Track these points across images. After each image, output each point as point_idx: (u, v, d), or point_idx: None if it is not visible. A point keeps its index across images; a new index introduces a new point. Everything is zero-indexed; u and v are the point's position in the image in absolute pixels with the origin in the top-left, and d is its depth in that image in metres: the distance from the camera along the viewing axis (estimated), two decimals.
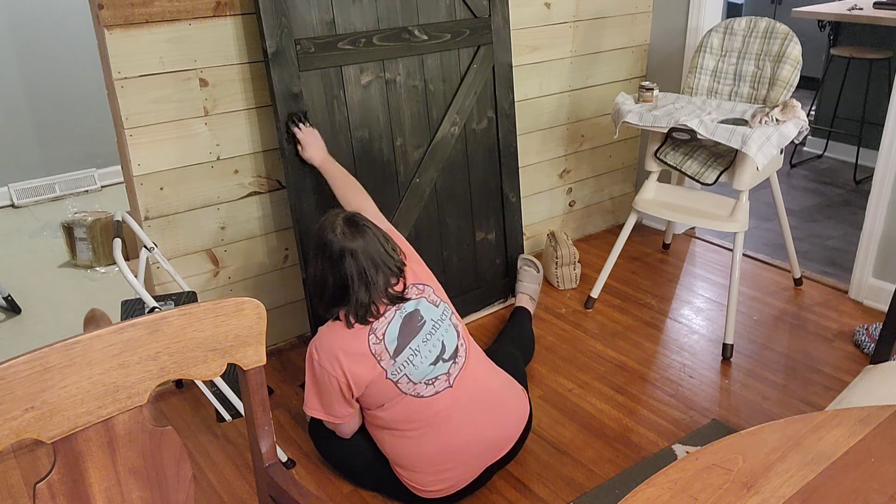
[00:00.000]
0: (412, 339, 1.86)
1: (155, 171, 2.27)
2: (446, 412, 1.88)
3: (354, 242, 1.80)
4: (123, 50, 2.11)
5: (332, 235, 1.80)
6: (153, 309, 1.99)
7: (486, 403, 1.94)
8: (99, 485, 1.04)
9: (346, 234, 1.80)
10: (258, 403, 1.18)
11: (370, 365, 1.82)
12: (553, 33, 3.07)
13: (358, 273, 1.79)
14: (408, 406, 1.86)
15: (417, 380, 1.85)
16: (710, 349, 2.64)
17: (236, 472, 2.12)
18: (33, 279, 3.37)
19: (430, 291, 1.95)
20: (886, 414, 1.10)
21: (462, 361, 1.93)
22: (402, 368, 1.84)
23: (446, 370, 1.89)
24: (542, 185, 3.31)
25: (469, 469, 1.90)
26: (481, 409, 1.93)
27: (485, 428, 1.92)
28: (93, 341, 0.98)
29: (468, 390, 1.92)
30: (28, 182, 4.26)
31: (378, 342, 1.83)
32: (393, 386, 1.84)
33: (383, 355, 1.82)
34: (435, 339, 1.89)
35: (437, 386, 1.87)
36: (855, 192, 4.09)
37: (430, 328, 1.89)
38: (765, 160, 2.39)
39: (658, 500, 0.94)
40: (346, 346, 1.82)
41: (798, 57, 2.66)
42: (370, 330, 1.83)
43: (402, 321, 1.86)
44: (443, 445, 1.87)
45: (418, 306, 1.90)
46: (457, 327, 1.96)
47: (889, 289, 2.82)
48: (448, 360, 1.89)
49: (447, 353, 1.90)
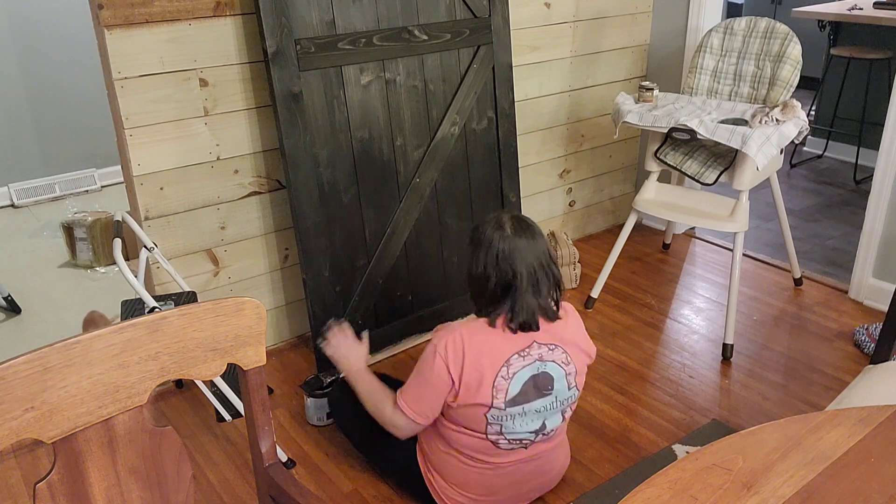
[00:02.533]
0: (531, 399, 1.77)
1: (155, 171, 2.27)
2: (507, 463, 1.86)
3: (525, 240, 1.73)
4: (123, 50, 2.11)
5: (501, 231, 1.73)
6: (153, 309, 1.99)
7: (541, 467, 1.93)
8: (99, 485, 1.04)
9: (517, 231, 1.73)
10: (258, 403, 1.18)
11: (486, 392, 1.73)
12: (553, 33, 3.07)
13: (528, 273, 1.71)
14: (481, 444, 1.81)
15: (507, 435, 1.80)
16: (710, 349, 2.64)
17: (236, 472, 2.12)
18: (33, 279, 3.37)
19: (573, 369, 1.83)
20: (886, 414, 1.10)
21: (547, 440, 1.88)
22: (503, 418, 1.77)
23: (531, 440, 1.84)
24: (542, 185, 3.31)
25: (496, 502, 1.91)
26: (535, 471, 1.92)
27: (528, 483, 1.92)
28: (93, 341, 0.98)
29: (536, 456, 1.89)
30: (28, 182, 4.26)
31: (506, 378, 1.73)
32: (484, 423, 1.77)
33: (500, 393, 1.73)
34: (544, 415, 1.81)
35: (517, 446, 1.83)
36: (855, 192, 4.09)
37: (549, 402, 1.80)
38: (765, 160, 2.39)
39: (658, 500, 0.94)
40: (481, 353, 1.72)
41: (798, 57, 2.66)
42: (507, 361, 1.73)
43: (536, 375, 1.76)
44: (486, 481, 1.86)
45: (555, 374, 1.79)
46: (566, 414, 1.88)
47: (889, 289, 2.82)
48: (539, 435, 1.84)
49: (543, 431, 1.84)
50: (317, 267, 2.39)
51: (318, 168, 2.35)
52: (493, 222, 1.76)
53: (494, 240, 1.73)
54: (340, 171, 2.41)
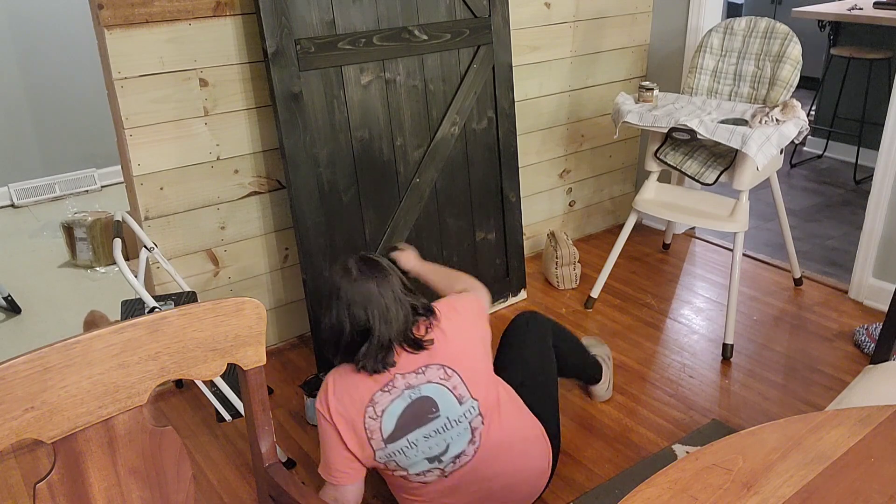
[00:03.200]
0: (415, 429, 1.68)
1: (155, 171, 2.27)
2: (440, 495, 1.76)
3: (374, 281, 1.67)
4: (123, 50, 2.11)
5: (349, 277, 1.67)
6: (153, 309, 1.99)
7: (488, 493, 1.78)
8: (99, 485, 1.04)
9: (365, 273, 1.68)
10: (258, 403, 1.18)
11: (361, 438, 1.67)
12: (553, 33, 3.07)
13: (381, 314, 1.65)
14: (394, 481, 1.77)
15: (407, 470, 1.72)
16: (710, 349, 2.64)
17: (236, 472, 2.12)
18: (33, 279, 3.37)
19: (457, 381, 1.70)
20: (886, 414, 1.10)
21: (464, 462, 1.73)
22: (391, 455, 1.69)
23: (441, 468, 1.72)
24: (542, 185, 3.31)
25: None
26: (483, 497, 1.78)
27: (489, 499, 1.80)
28: (93, 341, 0.98)
29: (467, 482, 1.76)
30: (28, 182, 4.26)
31: (375, 418, 1.66)
32: (382, 466, 1.72)
33: (375, 434, 1.66)
34: (440, 439, 1.69)
35: (428, 478, 1.73)
36: (855, 192, 4.09)
37: (440, 425, 1.69)
38: (765, 160, 2.39)
39: (658, 500, 0.94)
40: (348, 402, 1.67)
41: (798, 57, 2.66)
42: (371, 400, 1.66)
43: (410, 405, 1.67)
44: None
45: (436, 396, 1.69)
46: (474, 432, 1.72)
47: (889, 289, 2.82)
48: (446, 463, 1.72)
49: (447, 456, 1.71)
50: (317, 267, 2.39)
51: (318, 168, 2.35)
52: (340, 270, 1.70)
53: (343, 287, 1.66)
54: (340, 171, 2.41)
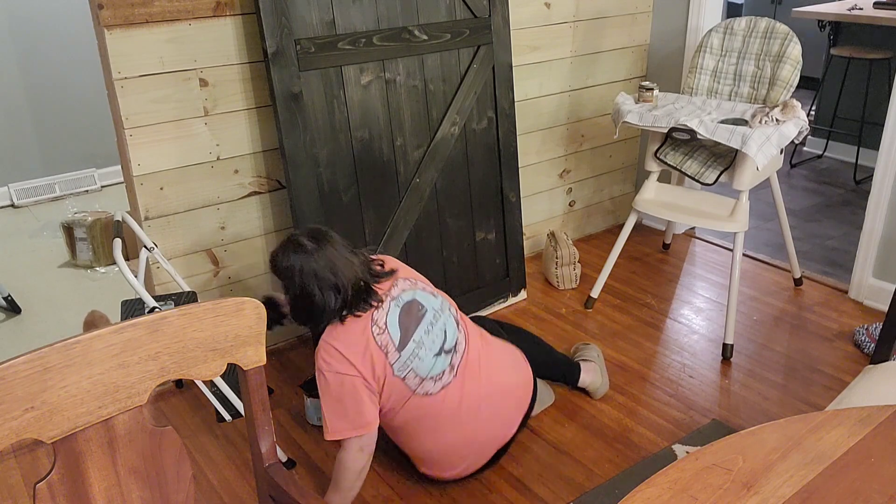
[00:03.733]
0: (415, 328, 1.86)
1: (155, 171, 2.27)
2: (455, 406, 1.90)
3: (330, 246, 1.81)
4: (123, 50, 2.11)
5: (303, 250, 1.79)
6: (153, 309, 1.99)
7: (490, 390, 1.97)
8: (99, 485, 1.04)
9: (318, 242, 1.80)
10: (258, 403, 1.18)
11: (379, 358, 1.81)
12: (553, 33, 3.07)
13: (345, 268, 1.79)
14: (418, 406, 1.87)
15: (424, 374, 1.86)
16: (710, 349, 2.64)
17: (236, 472, 2.12)
18: (33, 279, 3.37)
19: (422, 284, 1.97)
20: (886, 414, 1.10)
21: (462, 350, 1.94)
22: (408, 363, 1.84)
23: (449, 362, 1.90)
24: (542, 185, 3.31)
25: (482, 454, 1.98)
26: (488, 396, 1.96)
27: (492, 416, 1.96)
28: (93, 341, 0.98)
29: (473, 378, 1.94)
30: (28, 182, 4.26)
31: (382, 332, 1.81)
32: (401, 384, 1.84)
33: (389, 347, 1.81)
34: (437, 330, 1.89)
35: (443, 380, 1.88)
36: (855, 192, 4.09)
37: (431, 318, 1.89)
38: (765, 160, 2.39)
39: (658, 500, 0.94)
40: (352, 344, 1.80)
41: (798, 57, 2.66)
42: (371, 321, 1.81)
43: (402, 310, 1.86)
44: (455, 437, 1.91)
45: (415, 296, 1.90)
46: (455, 317, 1.97)
47: (889, 289, 2.82)
48: (450, 352, 1.90)
49: (448, 343, 1.91)
50: None
51: (318, 168, 2.35)
52: (293, 247, 1.79)
53: (304, 262, 1.77)
54: (340, 171, 2.41)
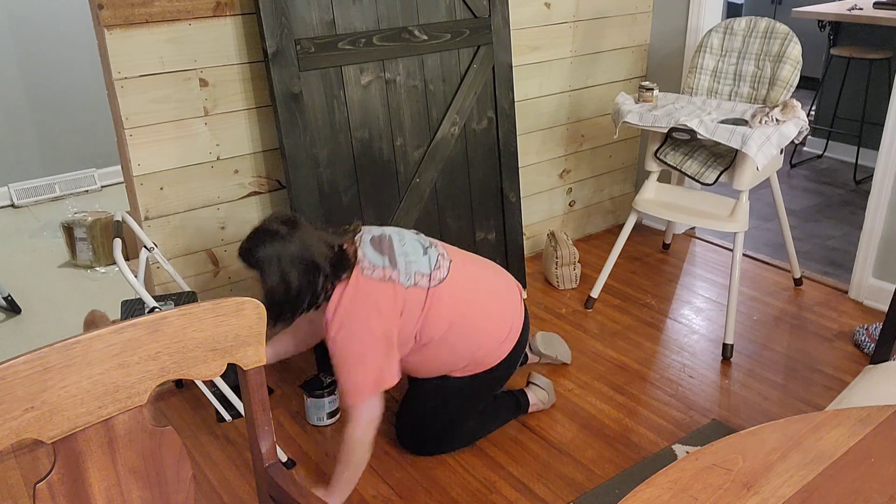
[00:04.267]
0: (392, 247, 1.95)
1: (155, 171, 2.27)
2: (467, 280, 2.02)
3: (295, 223, 1.86)
4: (123, 50, 2.11)
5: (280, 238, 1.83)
6: (153, 309, 1.99)
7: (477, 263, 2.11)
8: (99, 485, 1.04)
9: (290, 226, 1.85)
10: (258, 403, 1.18)
11: (386, 289, 1.88)
12: (553, 33, 3.07)
13: (312, 240, 1.85)
14: (440, 295, 1.95)
15: (428, 270, 1.95)
16: (710, 349, 2.64)
17: (236, 472, 2.12)
18: (33, 279, 3.37)
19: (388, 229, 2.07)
20: (886, 414, 1.10)
21: (438, 243, 2.06)
22: (409, 270, 1.92)
23: (438, 252, 2.01)
24: (542, 185, 3.31)
25: (513, 304, 2.09)
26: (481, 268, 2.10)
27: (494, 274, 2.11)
28: (93, 341, 0.98)
29: (464, 256, 2.09)
30: (28, 182, 4.26)
31: (371, 267, 1.89)
32: (416, 290, 1.91)
33: (386, 272, 1.90)
34: (407, 239, 1.99)
35: (446, 264, 2.00)
36: (855, 192, 4.09)
37: (397, 237, 1.98)
38: (765, 160, 2.39)
39: (658, 500, 0.94)
40: (361, 295, 1.86)
41: (798, 57, 2.66)
42: (360, 271, 1.88)
43: (372, 245, 1.94)
44: (478, 301, 2.01)
45: (373, 232, 1.99)
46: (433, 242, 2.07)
47: (889, 289, 2.82)
48: (430, 247, 2.01)
49: (425, 242, 2.02)
50: None
51: (318, 168, 2.35)
52: (265, 236, 1.82)
53: (282, 249, 1.81)
54: (340, 171, 2.41)
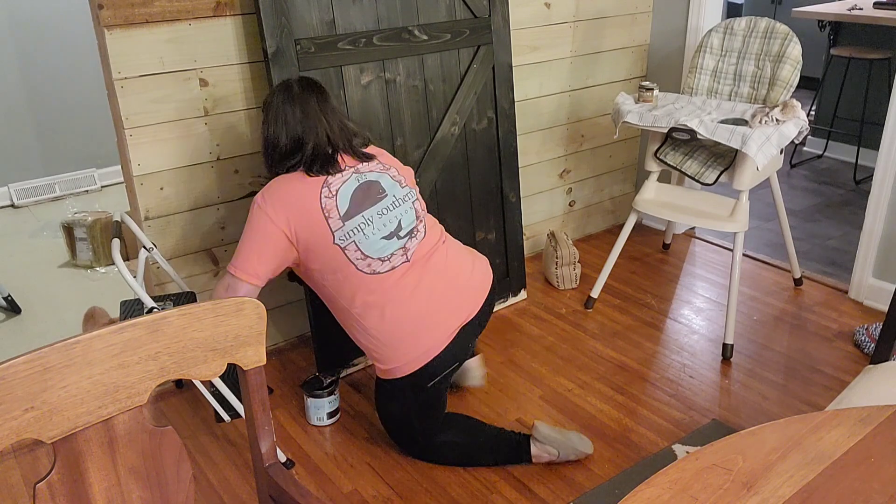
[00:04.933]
0: (367, 207, 1.83)
1: (155, 171, 2.27)
2: (404, 283, 1.85)
3: (315, 95, 1.84)
4: (123, 50, 2.11)
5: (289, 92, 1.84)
6: (151, 309, 1.99)
7: (446, 270, 1.93)
8: (99, 485, 1.04)
9: (305, 89, 1.84)
10: (258, 403, 1.18)
11: (317, 220, 1.78)
12: (553, 33, 3.07)
13: (317, 117, 1.81)
14: (361, 283, 1.83)
15: (370, 253, 1.82)
16: (710, 349, 2.64)
17: (236, 472, 2.12)
18: (33, 279, 3.37)
19: (395, 171, 1.94)
20: (886, 414, 1.10)
21: (420, 237, 1.90)
22: (350, 235, 1.80)
23: (402, 245, 1.86)
24: (542, 185, 3.31)
25: (440, 331, 1.88)
26: (442, 275, 1.91)
27: (447, 291, 1.90)
28: (93, 341, 0.98)
29: (428, 262, 1.90)
30: (28, 182, 4.26)
31: (330, 196, 1.79)
32: (341, 254, 1.80)
33: (332, 213, 1.79)
34: (392, 216, 1.85)
35: (392, 262, 1.84)
36: (855, 192, 4.09)
37: (389, 203, 1.86)
38: (765, 160, 2.39)
39: (658, 500, 0.94)
40: (296, 194, 1.78)
41: (798, 57, 2.66)
42: (324, 183, 1.79)
43: (359, 185, 1.83)
44: (406, 313, 1.85)
45: (380, 179, 1.88)
46: (418, 212, 1.93)
47: (889, 289, 2.82)
48: (404, 238, 1.86)
49: (403, 230, 1.87)
50: None
51: None
52: (282, 86, 1.86)
53: (281, 102, 1.83)
54: None
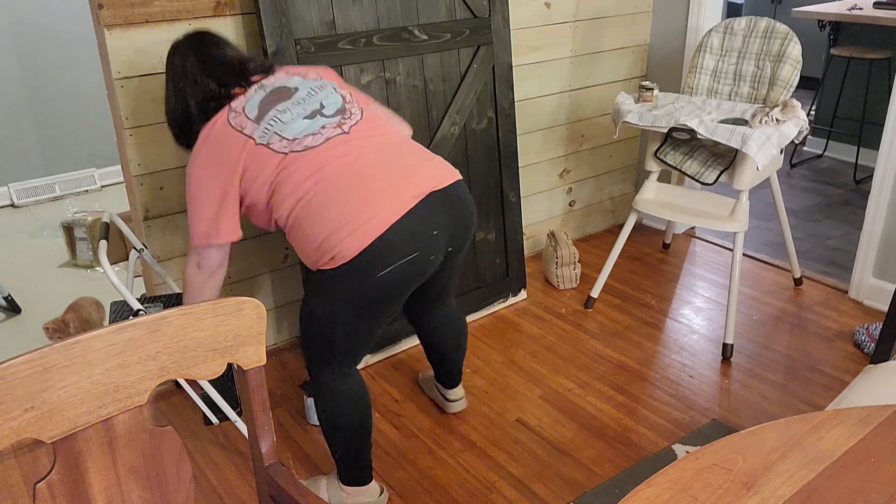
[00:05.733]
0: (278, 103, 1.71)
1: (155, 170, 2.27)
2: (345, 149, 1.65)
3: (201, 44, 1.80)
4: (123, 50, 2.11)
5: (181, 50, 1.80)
6: (137, 312, 1.99)
7: (399, 143, 1.72)
8: (99, 485, 1.04)
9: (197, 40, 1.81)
10: (258, 403, 1.18)
11: (235, 140, 1.67)
12: (553, 33, 3.07)
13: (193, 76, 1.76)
14: (295, 170, 1.63)
15: (294, 135, 1.65)
16: (710, 349, 2.64)
17: (236, 472, 2.12)
18: (33, 279, 3.37)
19: (314, 75, 1.80)
20: (886, 414, 1.10)
21: (356, 119, 1.72)
22: (268, 128, 1.67)
23: (333, 122, 1.68)
24: (542, 185, 3.31)
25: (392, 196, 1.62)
26: (386, 147, 1.69)
27: (396, 160, 1.67)
28: (93, 341, 0.98)
29: (372, 136, 1.69)
30: (28, 182, 4.26)
31: (237, 115, 1.70)
32: (267, 151, 1.65)
33: (245, 125, 1.68)
34: (310, 101, 1.71)
35: (325, 134, 1.66)
36: (855, 192, 4.09)
37: (302, 95, 1.72)
38: (765, 160, 2.39)
39: (658, 500, 0.94)
40: (211, 139, 1.69)
41: (798, 57, 2.66)
42: (229, 110, 1.71)
43: (267, 94, 1.72)
44: (351, 184, 1.62)
45: (287, 82, 1.75)
46: (345, 97, 1.76)
47: (889, 289, 2.82)
48: (331, 116, 1.69)
49: (328, 109, 1.70)
50: None
51: None
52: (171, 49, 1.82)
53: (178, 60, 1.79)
54: None
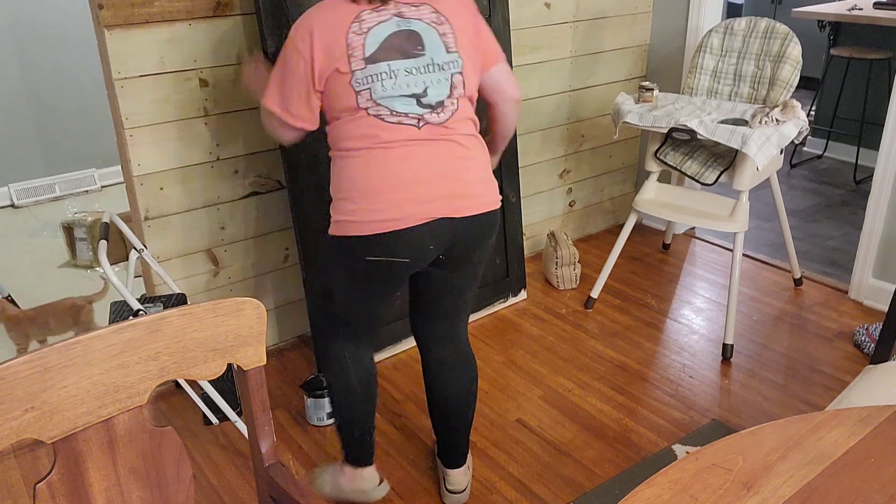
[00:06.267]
0: (397, 58, 1.63)
1: (155, 171, 2.27)
2: (401, 144, 1.65)
3: None
4: (123, 50, 2.11)
5: None
6: (137, 312, 1.99)
7: (451, 154, 1.70)
8: (99, 485, 1.04)
9: None
10: (258, 403, 1.18)
11: (339, 55, 1.61)
12: (553, 33, 3.07)
13: None
14: (364, 124, 1.64)
15: (382, 102, 1.64)
16: (710, 349, 2.64)
17: (236, 472, 2.12)
18: (33, 279, 3.37)
19: (448, 30, 1.68)
20: (886, 414, 1.10)
21: (445, 117, 1.68)
22: (369, 80, 1.62)
23: (419, 114, 1.66)
24: (542, 185, 3.31)
25: (411, 208, 1.64)
26: (443, 156, 1.69)
27: (440, 172, 1.67)
28: (93, 341, 0.98)
29: (437, 137, 1.69)
30: (28, 182, 4.26)
31: (360, 34, 1.61)
32: (353, 95, 1.63)
33: (357, 51, 1.61)
34: (420, 79, 1.66)
35: (401, 119, 1.65)
36: (855, 192, 4.09)
37: (424, 64, 1.66)
38: (765, 160, 2.39)
39: (658, 500, 0.94)
40: (325, 21, 1.62)
41: (798, 57, 2.66)
42: (357, 17, 1.62)
43: (397, 31, 1.63)
44: (387, 172, 1.64)
45: (424, 33, 1.65)
46: (454, 87, 1.70)
47: (889, 289, 2.82)
48: (425, 108, 1.67)
49: (428, 99, 1.66)
50: (317, 267, 2.39)
51: (318, 168, 2.35)
52: None
53: None
54: None
